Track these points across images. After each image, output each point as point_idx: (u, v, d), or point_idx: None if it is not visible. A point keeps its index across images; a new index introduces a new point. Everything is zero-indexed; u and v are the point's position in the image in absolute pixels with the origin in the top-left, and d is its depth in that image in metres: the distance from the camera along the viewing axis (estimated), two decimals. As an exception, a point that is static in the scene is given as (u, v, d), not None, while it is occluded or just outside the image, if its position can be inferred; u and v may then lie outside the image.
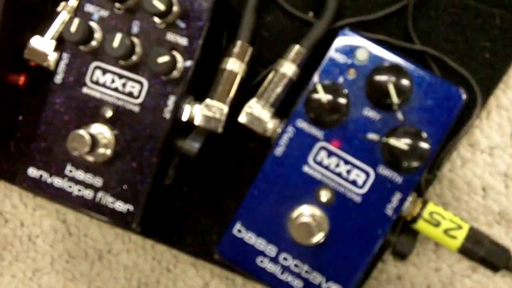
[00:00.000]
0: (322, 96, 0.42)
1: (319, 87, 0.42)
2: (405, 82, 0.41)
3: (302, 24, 0.49)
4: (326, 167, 0.43)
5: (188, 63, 0.44)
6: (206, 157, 0.48)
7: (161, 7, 0.42)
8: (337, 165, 0.43)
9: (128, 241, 0.53)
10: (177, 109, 0.45)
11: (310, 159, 0.43)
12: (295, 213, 0.43)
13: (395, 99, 0.41)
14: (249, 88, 0.49)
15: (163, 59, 0.43)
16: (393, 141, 0.41)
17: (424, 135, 0.41)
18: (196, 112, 0.45)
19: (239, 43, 0.46)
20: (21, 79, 0.51)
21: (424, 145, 0.41)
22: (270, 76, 0.46)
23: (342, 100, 0.42)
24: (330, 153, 0.43)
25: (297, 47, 0.46)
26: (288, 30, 0.50)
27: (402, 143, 0.41)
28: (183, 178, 0.51)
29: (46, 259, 0.55)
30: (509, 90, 0.47)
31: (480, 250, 0.43)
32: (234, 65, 0.46)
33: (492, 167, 0.48)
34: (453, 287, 0.49)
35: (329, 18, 0.47)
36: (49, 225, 0.54)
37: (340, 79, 0.43)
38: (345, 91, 0.43)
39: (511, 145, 0.47)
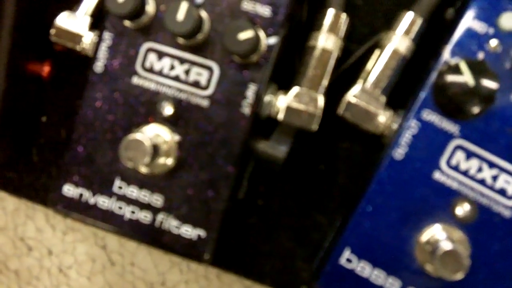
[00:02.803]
0: (468, 77, 0.31)
1: (463, 66, 0.31)
2: None
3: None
4: (465, 173, 0.33)
5: (272, 40, 0.34)
6: (286, 162, 0.37)
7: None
8: (479, 170, 0.33)
9: (187, 270, 0.43)
10: (259, 102, 0.34)
11: (443, 163, 0.33)
12: (424, 236, 0.33)
13: None
14: (341, 71, 0.38)
15: (246, 34, 0.32)
16: None
17: None
18: (282, 105, 0.35)
19: (331, 12, 0.36)
20: (45, 69, 0.41)
21: None
22: (376, 54, 0.35)
23: (490, 83, 0.31)
24: (470, 154, 0.33)
25: (411, 14, 0.35)
26: (387, -4, 0.39)
27: None
28: (256, 190, 0.41)
29: (82, 295, 0.44)
30: None
31: None
32: (328, 41, 0.36)
33: None
34: None
35: (447, -23, 0.36)
36: (85, 252, 0.44)
37: (480, 55, 0.32)
38: (492, 70, 0.32)
39: None
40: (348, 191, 0.39)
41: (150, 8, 0.34)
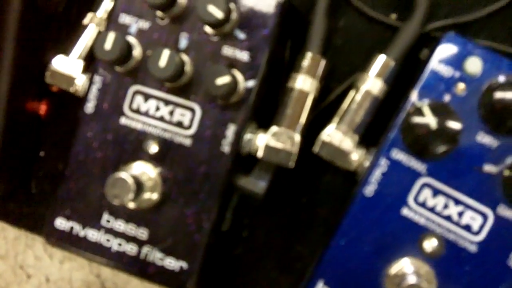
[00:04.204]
0: (430, 119, 0.33)
1: (426, 108, 0.33)
2: (534, 99, 0.32)
3: (384, 28, 0.41)
4: (432, 209, 0.35)
5: (250, 83, 0.36)
6: (269, 196, 0.39)
7: (219, 14, 0.34)
8: (446, 206, 0.34)
9: (177, 299, 0.44)
10: (238, 141, 0.36)
11: (411, 200, 0.35)
12: (393, 269, 0.35)
13: (524, 121, 0.32)
14: (321, 109, 0.40)
15: (223, 80, 0.34)
16: (522, 175, 0.32)
17: (560, 166, 0.32)
18: (261, 143, 0.37)
19: (309, 55, 0.38)
20: (43, 108, 0.43)
21: (561, 179, 0.32)
22: (351, 94, 0.37)
23: (454, 124, 0.33)
24: (436, 192, 0.34)
25: (383, 57, 0.37)
26: (366, 36, 0.42)
27: (534, 177, 0.32)
28: (241, 222, 0.43)
29: (78, 321, 0.46)
30: None
31: None
32: (305, 83, 0.37)
33: None
34: None
35: (419, 20, 0.38)
36: (81, 280, 0.46)
37: (446, 97, 0.34)
38: (455, 112, 0.33)
39: None
40: (329, 223, 0.40)
41: (137, 53, 0.36)
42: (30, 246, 0.47)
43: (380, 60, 0.37)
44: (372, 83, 0.37)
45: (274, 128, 0.37)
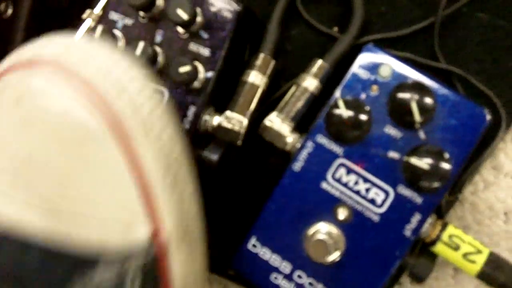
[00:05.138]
0: (343, 111, 0.41)
1: (341, 103, 0.41)
2: (428, 100, 0.41)
3: (327, 38, 0.49)
4: (345, 185, 0.42)
5: (210, 74, 0.44)
6: (226, 171, 0.48)
7: (185, 16, 0.42)
8: (356, 183, 0.42)
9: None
10: (197, 120, 0.44)
11: (329, 176, 0.43)
12: (311, 230, 0.43)
13: (417, 117, 0.40)
14: (270, 101, 0.48)
15: (185, 68, 0.42)
16: (414, 160, 0.40)
17: (446, 155, 0.40)
18: (216, 124, 0.45)
19: (261, 56, 0.46)
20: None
21: (446, 165, 0.40)
22: (292, 90, 0.46)
23: (364, 117, 0.41)
24: (349, 170, 0.42)
25: (319, 61, 0.45)
26: (313, 44, 0.49)
27: (423, 162, 0.40)
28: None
29: None
30: (537, 113, 0.46)
31: (500, 276, 0.42)
32: (256, 78, 0.46)
33: (516, 192, 0.46)
34: (471, 313, 0.48)
35: (353, 34, 0.46)
36: None
37: (363, 95, 0.42)
38: (367, 107, 0.42)
39: (536, 169, 0.46)
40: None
41: (121, 44, 0.45)
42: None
43: (317, 63, 0.45)
44: (309, 81, 0.45)
45: (227, 113, 0.45)
